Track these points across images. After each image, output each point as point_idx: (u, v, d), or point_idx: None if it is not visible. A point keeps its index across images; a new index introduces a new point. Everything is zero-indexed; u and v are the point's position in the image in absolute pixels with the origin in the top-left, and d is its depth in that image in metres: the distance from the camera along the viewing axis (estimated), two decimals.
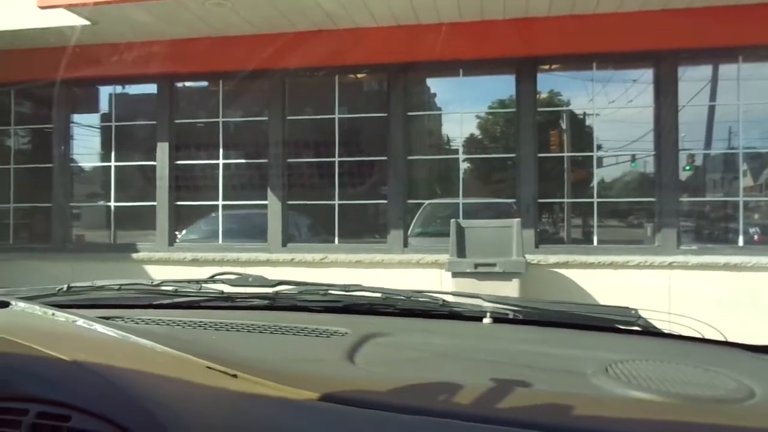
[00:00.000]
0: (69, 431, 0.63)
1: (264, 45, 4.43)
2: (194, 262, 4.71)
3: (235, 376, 0.72)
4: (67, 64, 4.54)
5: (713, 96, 4.43)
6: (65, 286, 1.28)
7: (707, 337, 1.13)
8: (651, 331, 1.17)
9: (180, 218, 5.01)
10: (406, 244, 4.58)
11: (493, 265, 3.76)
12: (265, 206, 4.80)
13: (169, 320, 1.10)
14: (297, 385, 0.70)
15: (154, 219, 4.93)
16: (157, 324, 1.07)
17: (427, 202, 4.83)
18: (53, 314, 0.88)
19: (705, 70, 4.44)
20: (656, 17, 4.11)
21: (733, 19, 4.02)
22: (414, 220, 4.73)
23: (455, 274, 3.85)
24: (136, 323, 1.07)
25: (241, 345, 0.98)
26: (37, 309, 0.90)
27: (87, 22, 4.21)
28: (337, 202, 4.73)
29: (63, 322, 0.87)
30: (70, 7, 3.92)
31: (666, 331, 1.16)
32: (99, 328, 0.84)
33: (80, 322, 0.85)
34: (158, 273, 4.52)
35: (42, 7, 3.92)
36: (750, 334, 1.16)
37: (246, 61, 4.46)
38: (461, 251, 3.97)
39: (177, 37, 4.55)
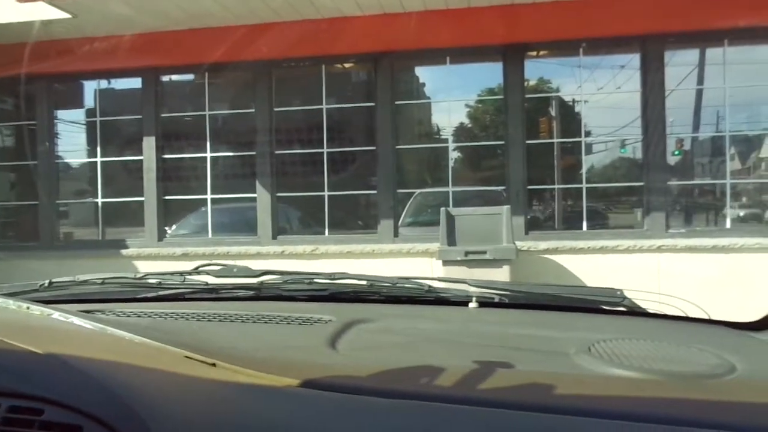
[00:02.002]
0: (42, 425, 0.62)
1: (248, 35, 4.38)
2: (184, 256, 4.67)
3: (213, 365, 0.71)
4: (49, 58, 4.47)
5: (700, 80, 4.44)
6: (47, 282, 1.27)
7: (692, 315, 1.14)
8: (636, 311, 1.17)
9: (169, 213, 4.97)
10: (396, 234, 4.57)
11: (484, 252, 3.77)
12: (254, 199, 4.77)
13: (152, 312, 1.09)
14: (277, 372, 0.69)
15: (143, 214, 4.89)
16: (139, 316, 1.06)
17: (417, 191, 4.82)
18: (27, 308, 0.86)
19: (692, 54, 4.45)
20: (642, 1, 4.10)
21: (718, 2, 4.02)
22: (404, 210, 4.72)
23: (446, 263, 3.85)
24: (117, 316, 1.05)
25: (222, 334, 0.97)
26: (10, 303, 0.88)
27: (67, 15, 4.13)
28: (326, 193, 4.71)
29: (38, 315, 0.85)
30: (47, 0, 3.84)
31: (651, 311, 1.16)
32: (75, 320, 0.82)
33: (56, 315, 0.84)
34: (148, 268, 4.42)
35: (20, 0, 3.84)
36: (737, 313, 1.17)
37: (231, 53, 4.40)
38: (452, 239, 3.97)
39: (159, 30, 4.48)
